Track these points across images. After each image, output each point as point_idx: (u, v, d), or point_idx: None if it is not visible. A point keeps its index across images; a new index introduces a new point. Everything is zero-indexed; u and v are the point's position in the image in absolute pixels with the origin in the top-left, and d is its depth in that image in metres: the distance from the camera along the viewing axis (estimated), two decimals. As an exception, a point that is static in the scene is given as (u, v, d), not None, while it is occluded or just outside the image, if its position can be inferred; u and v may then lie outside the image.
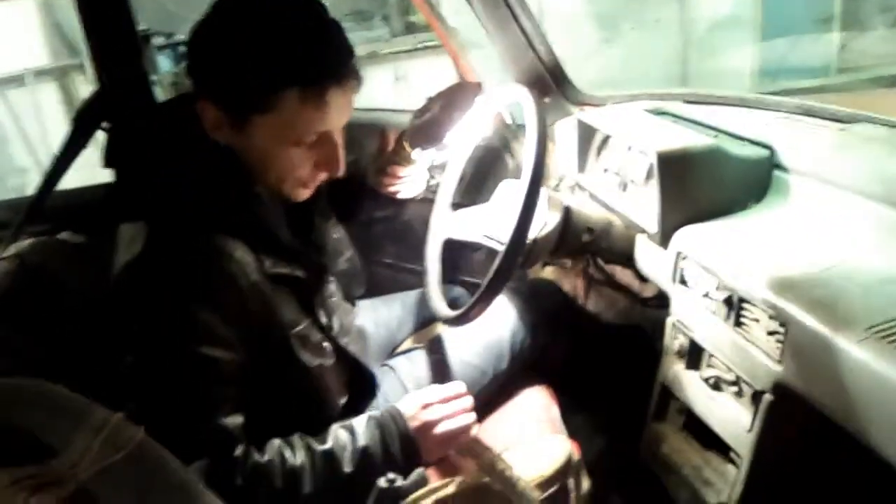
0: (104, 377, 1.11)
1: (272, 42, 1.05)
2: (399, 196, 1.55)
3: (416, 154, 1.47)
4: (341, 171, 1.20)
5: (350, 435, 1.20)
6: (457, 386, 1.33)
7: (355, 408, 1.37)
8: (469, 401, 1.32)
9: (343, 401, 1.34)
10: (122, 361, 1.12)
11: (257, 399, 1.16)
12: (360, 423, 1.23)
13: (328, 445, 1.18)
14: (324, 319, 1.27)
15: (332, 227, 1.46)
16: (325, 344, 1.27)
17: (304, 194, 1.23)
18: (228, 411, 1.10)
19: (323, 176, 1.22)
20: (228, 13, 1.09)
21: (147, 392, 1.09)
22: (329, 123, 1.13)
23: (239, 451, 1.09)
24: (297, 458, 1.14)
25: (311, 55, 1.07)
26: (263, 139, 1.12)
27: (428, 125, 1.45)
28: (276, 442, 1.15)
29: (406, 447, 1.22)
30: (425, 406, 1.27)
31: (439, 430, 1.26)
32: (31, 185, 4.74)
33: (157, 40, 4.48)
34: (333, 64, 1.10)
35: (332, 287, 1.39)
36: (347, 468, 1.16)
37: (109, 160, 1.28)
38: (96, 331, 1.21)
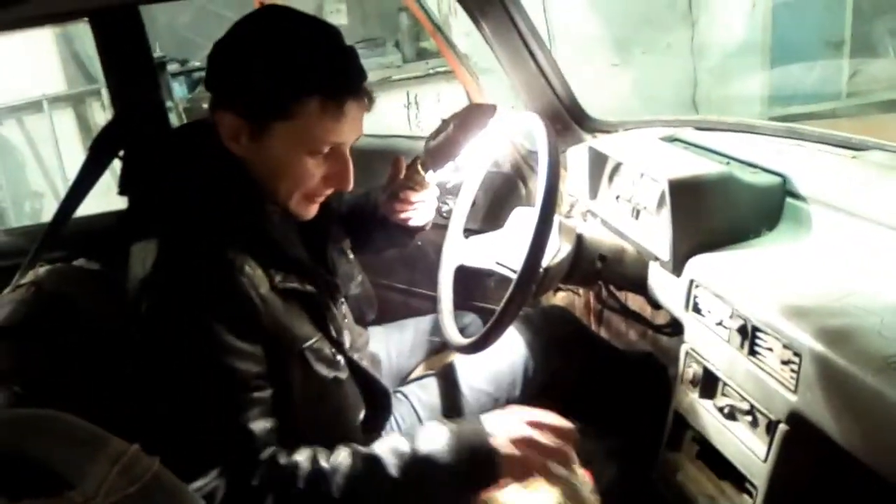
0: (120, 404, 1.12)
1: (297, 52, 1.12)
2: (411, 223, 1.56)
3: (430, 177, 1.48)
4: (349, 186, 1.23)
5: (408, 441, 1.14)
6: (559, 420, 1.22)
7: (377, 427, 1.37)
8: (570, 433, 1.21)
9: (361, 416, 1.34)
10: (124, 373, 1.13)
11: (281, 412, 1.16)
12: (421, 430, 1.17)
13: (374, 450, 1.14)
14: (335, 335, 1.28)
15: (345, 253, 1.47)
16: (339, 357, 1.27)
17: (311, 211, 1.26)
18: (253, 417, 1.10)
19: (330, 191, 1.25)
20: (254, 26, 1.16)
21: (165, 407, 1.10)
22: (344, 136, 1.17)
23: (266, 454, 1.09)
24: (331, 460, 1.11)
25: (333, 67, 1.13)
26: (280, 147, 1.16)
27: (442, 146, 1.46)
28: (311, 448, 1.14)
29: (480, 463, 1.13)
30: (518, 425, 1.17)
31: (526, 450, 1.14)
32: (46, 210, 4.80)
33: (173, 67, 4.54)
34: (352, 78, 1.16)
35: (345, 309, 1.40)
36: (394, 472, 1.10)
37: (124, 187, 1.29)
38: (113, 358, 1.22)
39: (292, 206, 1.23)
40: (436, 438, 1.13)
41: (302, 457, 1.12)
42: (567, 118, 1.97)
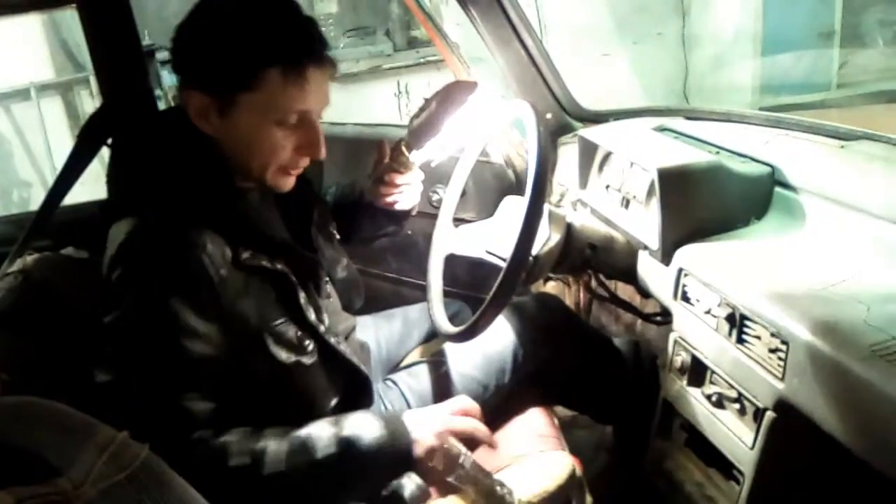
0: (108, 392, 1.12)
1: (255, 24, 1.15)
2: (397, 207, 1.56)
3: (414, 156, 1.49)
4: (322, 154, 1.24)
5: (335, 425, 1.18)
6: (462, 400, 1.30)
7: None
8: (476, 411, 1.29)
9: (333, 402, 1.33)
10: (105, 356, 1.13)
11: (235, 393, 1.17)
12: (351, 415, 1.21)
13: (304, 431, 1.17)
14: (312, 317, 1.27)
15: (331, 237, 1.48)
16: (308, 342, 1.27)
17: (288, 183, 1.27)
18: (194, 397, 1.11)
19: (305, 161, 1.25)
20: (213, 3, 1.18)
21: (114, 376, 1.11)
22: (309, 102, 1.18)
23: (199, 434, 1.10)
24: (263, 440, 1.13)
25: (291, 35, 1.16)
26: (248, 120, 1.17)
27: (425, 123, 1.47)
28: (244, 428, 1.15)
29: (399, 456, 1.19)
30: (438, 432, 1.22)
31: (441, 426, 1.21)
32: (34, 198, 4.76)
33: (161, 55, 4.49)
34: (312, 44, 1.17)
35: (329, 289, 1.41)
36: (320, 454, 1.14)
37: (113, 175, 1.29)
38: (101, 345, 1.22)
39: (269, 179, 1.24)
40: (362, 423, 1.19)
41: (233, 437, 1.12)
42: (558, 108, 1.97)
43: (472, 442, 1.24)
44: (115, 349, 1.11)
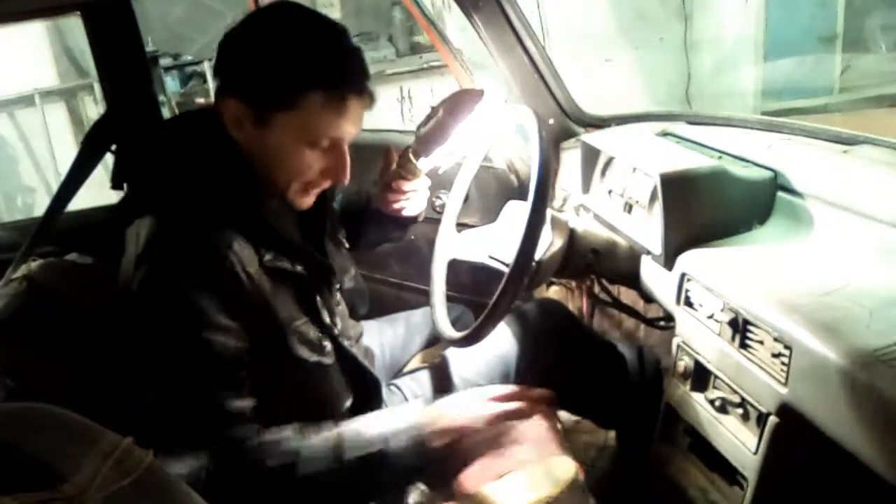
0: (114, 398, 1.12)
1: (305, 46, 1.16)
2: (404, 213, 1.57)
3: (421, 164, 1.49)
4: (346, 181, 1.25)
5: (363, 424, 1.21)
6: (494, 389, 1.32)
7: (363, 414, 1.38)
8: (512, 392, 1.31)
9: (348, 404, 1.35)
10: (115, 364, 1.14)
11: (261, 392, 1.18)
12: (375, 414, 1.25)
13: (337, 430, 1.19)
14: (327, 319, 1.29)
15: (341, 245, 1.49)
16: (326, 343, 1.28)
17: (307, 201, 1.28)
18: (232, 396, 1.12)
19: (326, 183, 1.27)
20: (267, 18, 1.20)
21: (150, 380, 1.11)
22: (343, 131, 1.20)
23: (237, 431, 1.11)
24: (299, 440, 1.15)
25: (338, 63, 1.17)
26: (281, 137, 1.18)
27: (432, 131, 1.48)
28: (277, 427, 1.17)
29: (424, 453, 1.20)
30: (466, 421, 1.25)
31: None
32: (38, 204, 4.77)
33: (165, 61, 4.51)
34: (356, 75, 1.18)
35: (339, 297, 1.42)
36: (350, 455, 1.16)
37: (117, 181, 1.29)
38: (105, 351, 1.22)
39: (290, 195, 1.25)
40: (387, 422, 1.21)
41: (272, 436, 1.14)
42: (560, 113, 1.97)
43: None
44: (152, 356, 1.12)
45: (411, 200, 1.56)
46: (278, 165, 1.21)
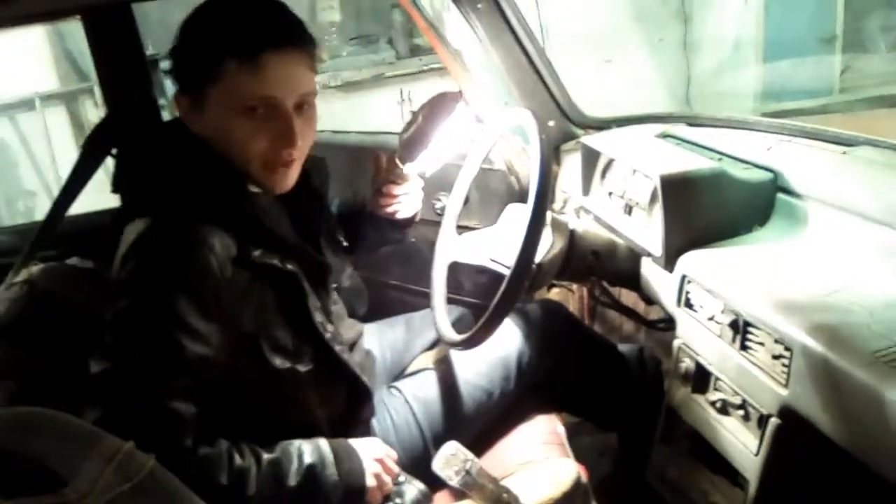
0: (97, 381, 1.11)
1: (212, 19, 1.20)
2: (398, 216, 1.57)
3: (408, 168, 1.50)
4: (292, 143, 1.22)
5: (299, 451, 1.21)
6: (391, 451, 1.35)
7: (353, 422, 1.38)
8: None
9: (328, 412, 1.33)
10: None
11: (228, 395, 1.18)
12: (312, 442, 1.24)
13: (275, 455, 1.19)
14: (318, 320, 1.28)
15: (337, 245, 1.49)
16: (305, 349, 1.27)
17: (281, 182, 1.26)
18: (182, 398, 1.10)
19: (286, 154, 1.23)
20: (190, 14, 1.23)
21: (107, 366, 1.09)
22: (269, 88, 1.18)
23: (189, 440, 1.10)
24: (244, 459, 1.15)
25: (245, 24, 1.17)
26: (218, 113, 1.19)
27: (414, 136, 1.49)
28: (225, 442, 1.16)
29: (352, 483, 1.23)
30: (380, 461, 1.28)
31: (384, 485, 1.28)
32: (39, 208, 4.76)
33: (165, 64, 4.50)
34: (267, 30, 1.18)
35: (336, 296, 1.42)
36: (291, 481, 1.17)
37: (118, 185, 1.30)
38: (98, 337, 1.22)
39: (260, 177, 1.24)
40: (322, 454, 1.22)
41: (221, 450, 1.13)
42: (560, 115, 1.97)
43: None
44: (112, 341, 1.11)
45: (403, 203, 1.56)
46: (229, 145, 1.20)
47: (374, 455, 1.28)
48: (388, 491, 1.27)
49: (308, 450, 1.22)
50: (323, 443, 1.25)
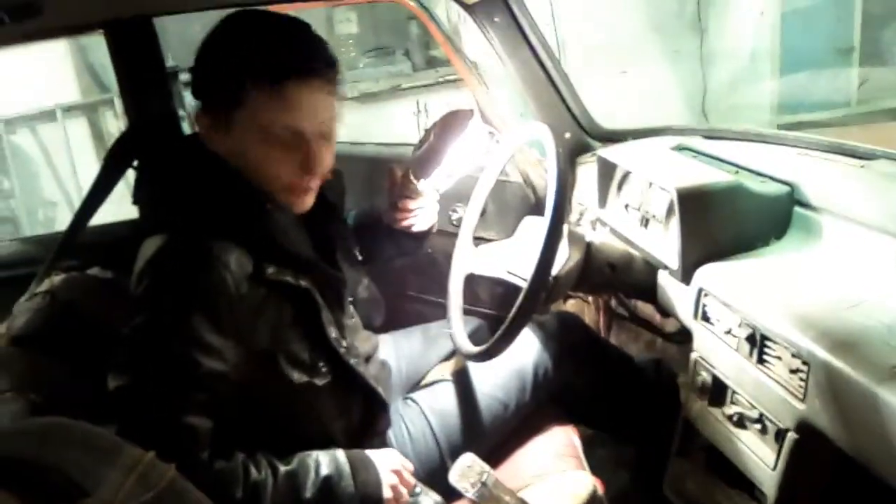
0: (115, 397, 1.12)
1: (241, 43, 1.18)
2: (414, 229, 1.58)
3: (422, 185, 1.51)
4: (315, 172, 1.23)
5: (315, 463, 1.22)
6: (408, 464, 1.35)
7: (369, 434, 1.39)
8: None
9: (345, 424, 1.34)
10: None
11: (245, 410, 1.19)
12: (329, 454, 1.25)
13: (292, 467, 1.20)
14: (333, 335, 1.28)
15: (353, 258, 1.49)
16: (321, 363, 1.27)
17: (302, 203, 1.27)
18: (198, 413, 1.11)
19: (308, 180, 1.24)
20: (213, 31, 1.22)
21: (124, 381, 1.10)
22: (293, 118, 1.18)
23: (204, 454, 1.11)
24: (260, 472, 1.16)
25: (272, 52, 1.16)
26: (241, 137, 1.19)
27: (426, 154, 1.50)
28: (241, 455, 1.16)
29: (369, 495, 1.24)
30: (396, 472, 1.29)
31: (401, 496, 1.28)
32: (60, 219, 4.81)
33: (185, 76, 4.55)
34: (292, 58, 1.17)
35: (352, 310, 1.42)
36: (307, 493, 1.18)
37: (138, 197, 1.31)
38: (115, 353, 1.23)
39: (280, 198, 1.24)
40: (338, 465, 1.24)
41: (236, 464, 1.14)
42: (576, 127, 1.97)
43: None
44: (129, 357, 1.12)
45: (419, 217, 1.56)
46: (252, 168, 1.20)
47: (391, 466, 1.29)
48: (406, 503, 1.28)
49: (325, 461, 1.23)
50: (340, 454, 1.25)
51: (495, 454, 1.45)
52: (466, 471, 1.23)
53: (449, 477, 1.24)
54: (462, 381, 1.50)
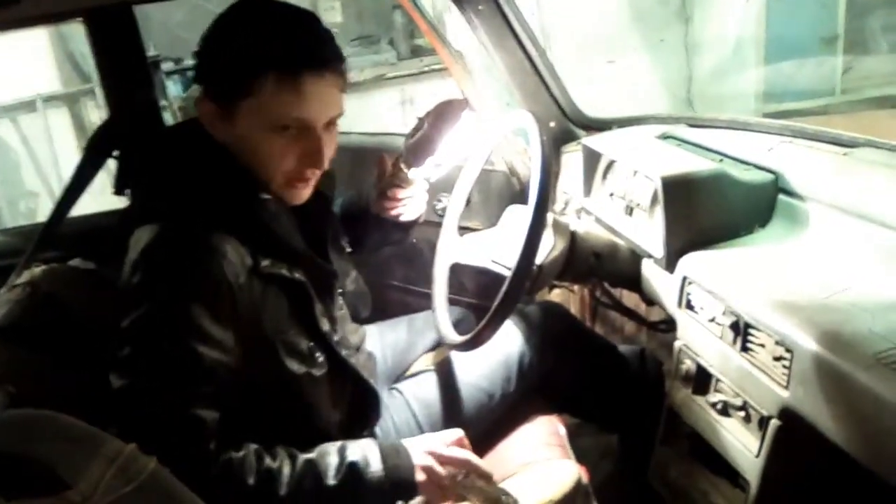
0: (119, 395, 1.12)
1: (254, 31, 1.16)
2: (402, 219, 1.57)
3: (413, 174, 1.50)
4: (322, 166, 1.23)
5: (340, 449, 1.20)
6: (455, 432, 1.29)
7: (360, 426, 1.38)
8: (467, 443, 1.28)
9: (339, 416, 1.33)
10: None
11: (244, 402, 1.17)
12: (356, 443, 1.23)
13: (312, 455, 1.18)
14: (325, 327, 1.28)
15: (341, 249, 1.49)
16: (318, 354, 1.27)
17: (299, 195, 1.26)
18: (205, 405, 1.10)
19: (310, 172, 1.24)
20: (225, 15, 1.19)
21: (128, 379, 1.10)
22: (306, 111, 1.17)
23: (212, 445, 1.10)
24: (275, 461, 1.15)
25: (288, 43, 1.15)
26: (248, 126, 1.17)
27: (420, 143, 1.49)
28: (254, 445, 1.16)
29: (399, 479, 1.20)
30: (433, 454, 1.23)
31: (441, 479, 1.22)
32: (41, 209, 4.78)
33: (167, 66, 4.52)
34: (309, 51, 1.16)
35: (341, 301, 1.42)
36: (331, 481, 1.16)
37: (119, 187, 1.30)
38: (113, 349, 1.22)
39: (279, 189, 1.23)
40: (367, 451, 1.20)
41: (248, 453, 1.13)
42: (561, 116, 1.97)
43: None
44: (131, 352, 1.10)
45: (408, 206, 1.56)
46: (254, 158, 1.20)
47: (425, 448, 1.23)
48: (447, 486, 1.21)
49: (351, 447, 1.21)
50: (368, 443, 1.23)
51: (480, 444, 1.44)
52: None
53: None
54: (447, 371, 1.50)
